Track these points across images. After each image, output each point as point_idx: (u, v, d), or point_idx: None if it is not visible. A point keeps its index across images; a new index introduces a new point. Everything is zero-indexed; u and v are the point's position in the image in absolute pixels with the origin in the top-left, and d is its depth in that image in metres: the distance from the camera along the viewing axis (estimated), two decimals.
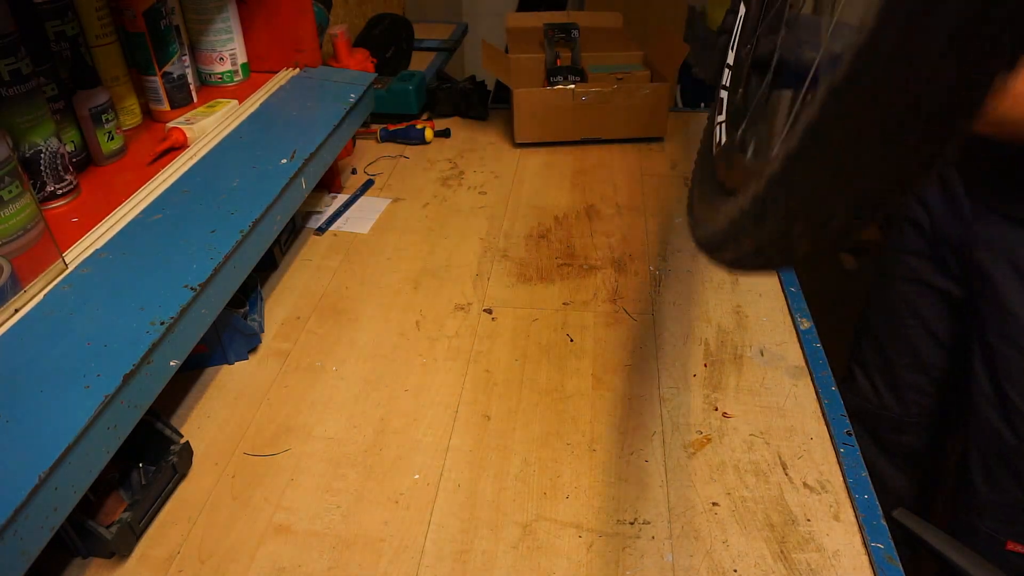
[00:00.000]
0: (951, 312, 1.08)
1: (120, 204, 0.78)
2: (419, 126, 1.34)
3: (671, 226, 1.10)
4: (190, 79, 0.99)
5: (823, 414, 0.77)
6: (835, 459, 0.72)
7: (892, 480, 1.26)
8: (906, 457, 1.24)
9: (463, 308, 0.94)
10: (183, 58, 0.97)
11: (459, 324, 0.91)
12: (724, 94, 0.77)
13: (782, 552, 0.64)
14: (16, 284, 0.63)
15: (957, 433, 1.21)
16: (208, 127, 0.92)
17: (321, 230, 1.11)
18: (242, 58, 1.07)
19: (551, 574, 0.63)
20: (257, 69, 1.11)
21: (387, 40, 1.53)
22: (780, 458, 0.73)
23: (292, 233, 1.09)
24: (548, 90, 1.29)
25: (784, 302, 0.94)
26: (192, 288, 0.67)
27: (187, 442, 0.72)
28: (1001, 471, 0.98)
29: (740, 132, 0.63)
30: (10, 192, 0.61)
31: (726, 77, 0.78)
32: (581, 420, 0.77)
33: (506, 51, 1.45)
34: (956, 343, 1.10)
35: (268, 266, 1.02)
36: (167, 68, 0.95)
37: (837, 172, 0.29)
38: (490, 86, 1.49)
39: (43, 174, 0.75)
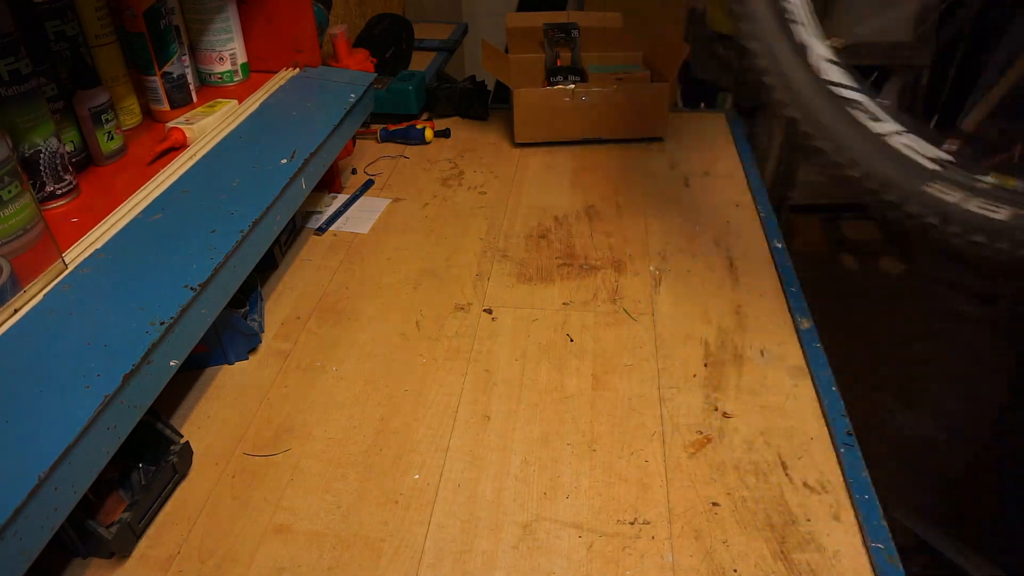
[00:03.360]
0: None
1: (120, 204, 0.78)
2: (419, 126, 1.34)
3: (671, 226, 1.10)
4: (190, 79, 0.99)
5: (823, 414, 0.77)
6: (835, 459, 0.72)
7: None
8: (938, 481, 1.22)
9: (463, 308, 0.94)
10: (183, 58, 0.97)
11: (459, 324, 0.91)
12: None
13: (782, 552, 0.64)
14: (16, 284, 0.63)
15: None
16: (208, 127, 0.92)
17: (321, 230, 1.11)
18: (242, 58, 1.07)
19: (551, 574, 0.63)
20: (257, 69, 1.11)
21: (387, 40, 1.53)
22: (780, 458, 0.73)
23: (292, 233, 1.09)
24: (548, 90, 1.29)
25: (784, 302, 0.94)
26: (192, 288, 0.67)
27: (187, 442, 0.72)
28: None
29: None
30: (9, 192, 0.61)
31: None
32: (581, 420, 0.77)
33: (506, 51, 1.45)
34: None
35: (268, 266, 1.02)
36: (167, 68, 0.95)
37: None
38: (490, 86, 1.49)
39: (43, 174, 0.75)
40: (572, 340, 0.88)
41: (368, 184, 1.23)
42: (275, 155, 0.88)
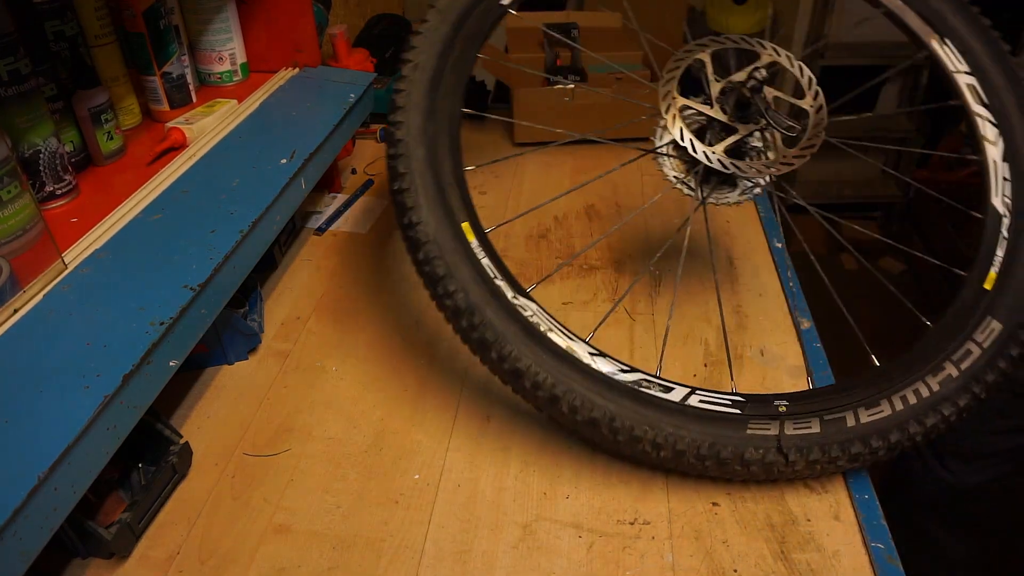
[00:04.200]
0: None
1: (119, 204, 0.78)
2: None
3: (671, 226, 1.10)
4: (189, 79, 0.99)
5: None
6: None
7: (952, 550, 1.24)
8: (971, 526, 1.22)
9: None
10: (182, 58, 0.97)
11: None
12: None
13: (782, 552, 0.64)
14: (15, 284, 0.63)
15: None
16: (207, 127, 0.92)
17: (321, 230, 1.11)
18: (241, 58, 1.07)
19: (551, 574, 0.63)
20: (257, 69, 1.10)
21: (387, 40, 1.53)
22: None
23: (292, 233, 1.09)
24: (548, 90, 1.29)
25: (784, 302, 0.94)
26: (192, 288, 0.67)
27: (187, 442, 0.72)
28: None
29: None
30: (9, 192, 0.61)
31: None
32: None
33: (506, 51, 1.45)
34: None
35: (268, 266, 1.02)
36: (166, 68, 0.95)
37: None
38: (490, 86, 1.49)
39: (42, 174, 0.75)
40: None
41: (368, 184, 1.23)
42: (275, 155, 0.88)
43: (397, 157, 0.71)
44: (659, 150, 0.77)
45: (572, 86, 1.29)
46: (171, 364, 0.64)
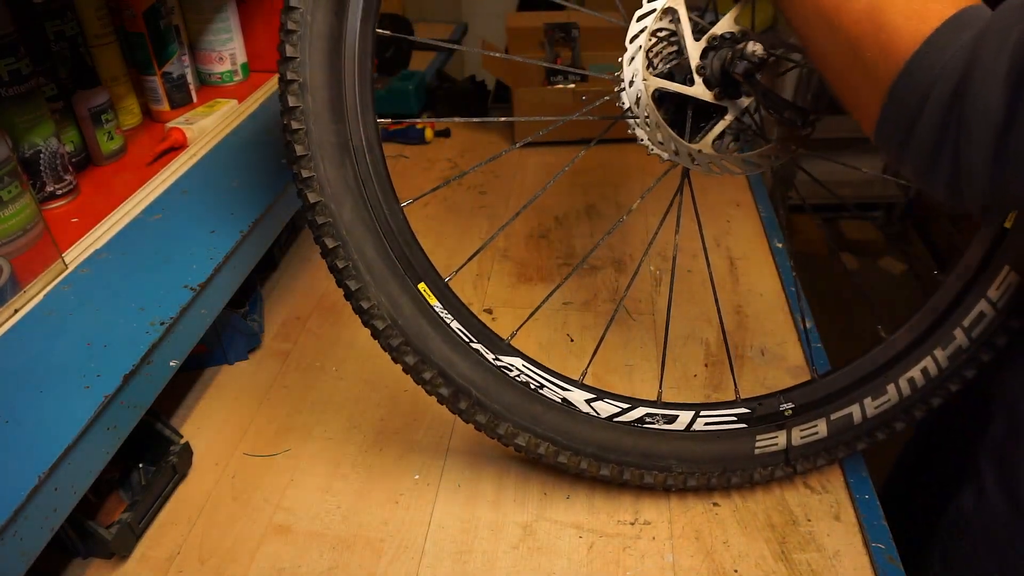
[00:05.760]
0: None
1: (120, 204, 0.78)
2: (419, 126, 1.34)
3: (671, 226, 1.10)
4: (189, 79, 0.99)
5: None
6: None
7: None
8: None
9: None
10: (183, 58, 0.97)
11: None
12: None
13: (783, 552, 0.64)
14: (16, 284, 0.63)
15: None
16: (208, 127, 0.92)
17: None
18: (242, 58, 1.06)
19: (551, 574, 0.63)
20: (257, 69, 1.10)
21: (386, 39, 1.53)
22: None
23: (292, 233, 1.09)
24: (548, 90, 1.29)
25: (784, 302, 0.93)
26: (192, 288, 0.67)
27: (187, 442, 0.72)
28: None
29: None
30: (9, 192, 0.61)
31: None
32: None
33: (506, 51, 1.44)
34: None
35: (268, 266, 1.02)
36: (166, 68, 0.95)
37: None
38: (490, 86, 1.49)
39: (42, 174, 0.75)
40: (572, 340, 0.88)
41: None
42: (275, 155, 0.88)
43: (321, 227, 0.56)
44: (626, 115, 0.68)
45: (572, 86, 1.29)
46: (171, 364, 0.64)
